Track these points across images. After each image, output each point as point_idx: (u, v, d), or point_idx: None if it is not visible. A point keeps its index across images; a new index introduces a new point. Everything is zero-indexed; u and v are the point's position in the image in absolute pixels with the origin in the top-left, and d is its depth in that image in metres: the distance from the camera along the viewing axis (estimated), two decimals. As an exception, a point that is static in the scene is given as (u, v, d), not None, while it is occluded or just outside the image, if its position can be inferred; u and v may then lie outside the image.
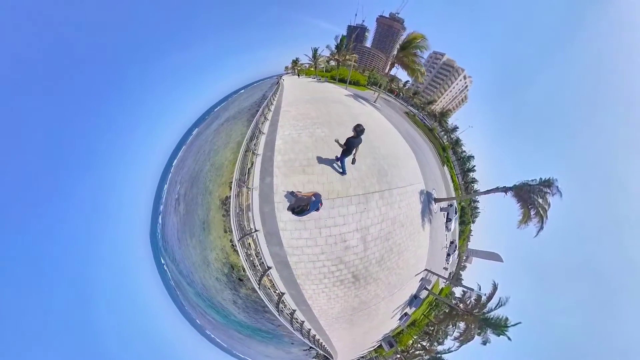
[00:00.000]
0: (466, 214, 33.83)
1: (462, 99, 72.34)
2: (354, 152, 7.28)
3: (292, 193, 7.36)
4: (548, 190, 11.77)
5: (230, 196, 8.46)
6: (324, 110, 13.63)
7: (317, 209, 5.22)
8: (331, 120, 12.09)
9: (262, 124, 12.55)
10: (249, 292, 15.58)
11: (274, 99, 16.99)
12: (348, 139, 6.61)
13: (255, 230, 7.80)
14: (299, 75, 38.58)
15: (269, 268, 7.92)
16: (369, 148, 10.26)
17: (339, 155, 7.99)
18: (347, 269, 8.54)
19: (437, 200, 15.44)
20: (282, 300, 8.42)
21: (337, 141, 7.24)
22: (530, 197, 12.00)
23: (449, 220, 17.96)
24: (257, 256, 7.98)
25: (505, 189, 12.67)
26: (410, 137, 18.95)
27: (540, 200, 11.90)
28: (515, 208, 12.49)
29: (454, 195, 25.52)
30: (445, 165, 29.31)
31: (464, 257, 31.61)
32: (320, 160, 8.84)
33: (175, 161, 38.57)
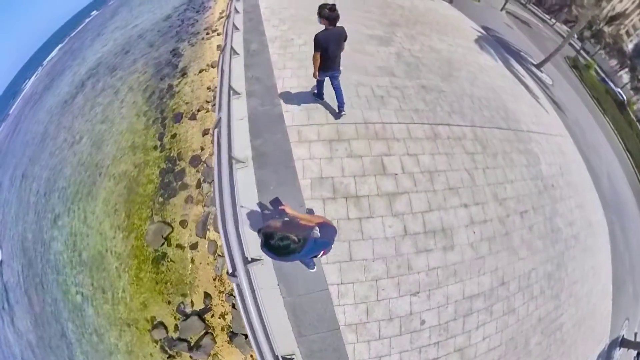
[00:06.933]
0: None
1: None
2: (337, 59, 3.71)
3: (275, 204, 3.11)
4: None
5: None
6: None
7: (315, 256, 2.36)
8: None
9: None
10: None
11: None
12: (319, 39, 3.34)
13: None
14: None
15: None
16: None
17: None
18: None
19: (625, 343, 9.08)
20: None
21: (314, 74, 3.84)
22: None
23: None
24: None
25: None
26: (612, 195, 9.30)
27: None
28: None
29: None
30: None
31: None
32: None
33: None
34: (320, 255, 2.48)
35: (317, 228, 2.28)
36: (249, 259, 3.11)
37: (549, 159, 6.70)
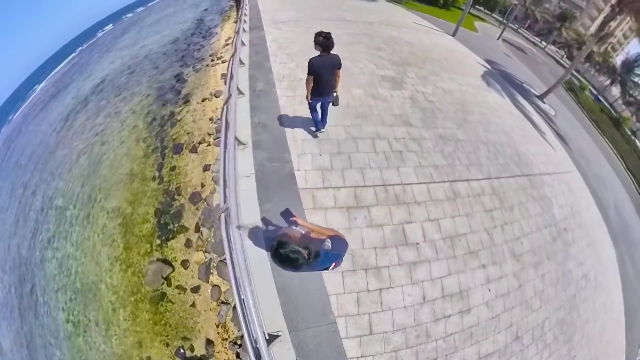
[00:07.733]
0: None
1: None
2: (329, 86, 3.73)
3: (286, 215, 3.33)
4: None
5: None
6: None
7: (327, 268, 2.17)
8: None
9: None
10: None
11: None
12: (312, 63, 3.52)
13: None
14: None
15: None
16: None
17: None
18: None
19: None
20: None
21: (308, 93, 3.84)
22: None
23: None
24: None
25: None
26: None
27: None
28: None
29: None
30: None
31: None
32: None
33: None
34: (331, 268, 2.42)
35: (328, 240, 2.28)
36: (267, 337, 2.78)
37: (561, 200, 6.48)
